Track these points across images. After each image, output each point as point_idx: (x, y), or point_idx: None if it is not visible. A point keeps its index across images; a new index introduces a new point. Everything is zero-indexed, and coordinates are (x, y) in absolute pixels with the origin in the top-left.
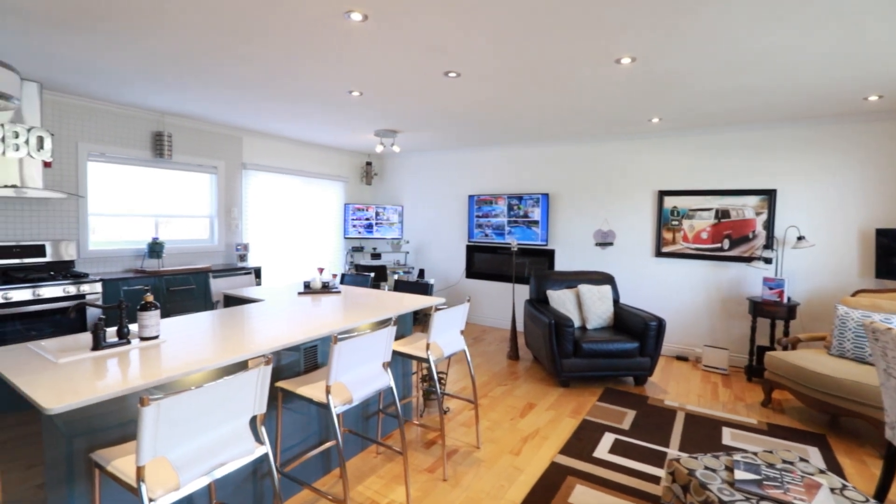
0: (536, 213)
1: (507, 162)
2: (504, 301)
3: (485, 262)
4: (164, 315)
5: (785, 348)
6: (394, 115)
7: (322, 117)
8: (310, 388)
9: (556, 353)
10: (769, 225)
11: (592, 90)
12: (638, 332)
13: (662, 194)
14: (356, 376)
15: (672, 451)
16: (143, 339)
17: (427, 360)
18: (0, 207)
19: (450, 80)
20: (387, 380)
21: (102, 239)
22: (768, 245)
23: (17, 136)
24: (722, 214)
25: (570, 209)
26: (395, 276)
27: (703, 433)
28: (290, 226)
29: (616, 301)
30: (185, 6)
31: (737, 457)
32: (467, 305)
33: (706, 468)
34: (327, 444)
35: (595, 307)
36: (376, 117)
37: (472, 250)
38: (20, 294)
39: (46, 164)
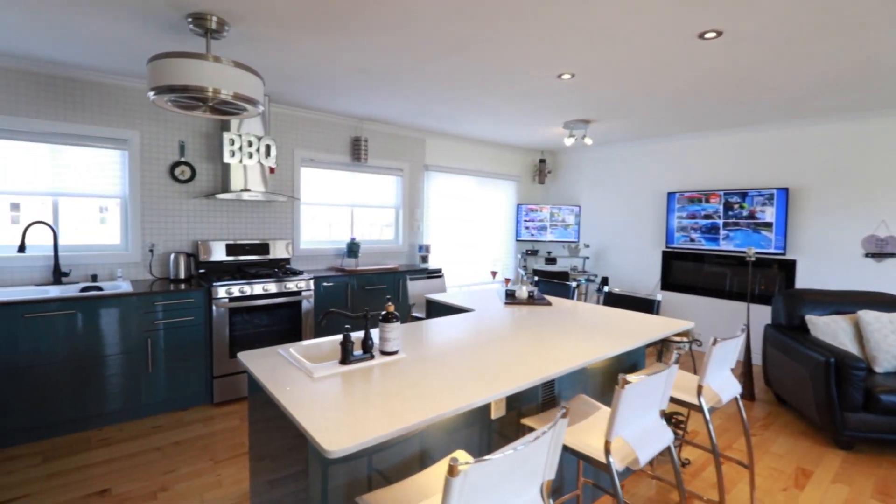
0: (768, 214)
1: (726, 151)
2: (718, 321)
3: (688, 271)
4: (370, 311)
5: None
6: (599, 99)
7: (512, 110)
8: (577, 439)
9: (835, 402)
10: None
11: None
12: None
13: None
14: (638, 429)
15: None
16: (383, 353)
17: (700, 409)
18: (233, 209)
19: (702, 45)
20: (669, 435)
21: (307, 238)
22: None
23: (250, 144)
24: None
25: (822, 207)
26: (605, 288)
27: None
28: (463, 227)
29: None
30: None
31: None
32: (742, 337)
33: None
34: (568, 496)
35: (886, 343)
36: (575, 105)
37: (669, 257)
38: (252, 288)
39: (271, 171)
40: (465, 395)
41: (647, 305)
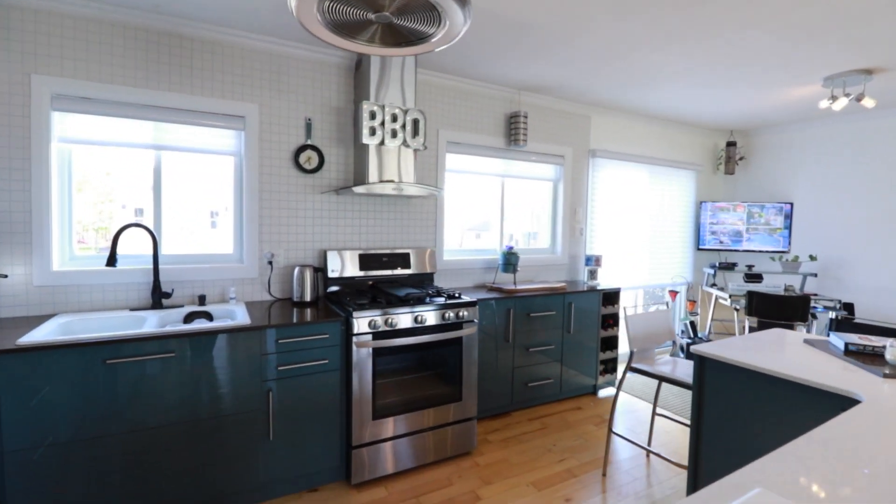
0: None
1: None
2: None
3: None
4: (530, 346)
5: None
6: None
7: (750, 56)
8: None
9: None
10: None
11: None
12: None
13: None
14: None
15: None
16: None
17: None
18: (365, 208)
19: None
20: None
21: (448, 247)
22: None
23: (394, 119)
24: None
25: None
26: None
27: None
28: (631, 231)
29: None
30: None
31: None
32: None
33: None
34: None
35: None
36: (882, 33)
37: None
38: (404, 319)
39: (414, 155)
40: None
41: None
